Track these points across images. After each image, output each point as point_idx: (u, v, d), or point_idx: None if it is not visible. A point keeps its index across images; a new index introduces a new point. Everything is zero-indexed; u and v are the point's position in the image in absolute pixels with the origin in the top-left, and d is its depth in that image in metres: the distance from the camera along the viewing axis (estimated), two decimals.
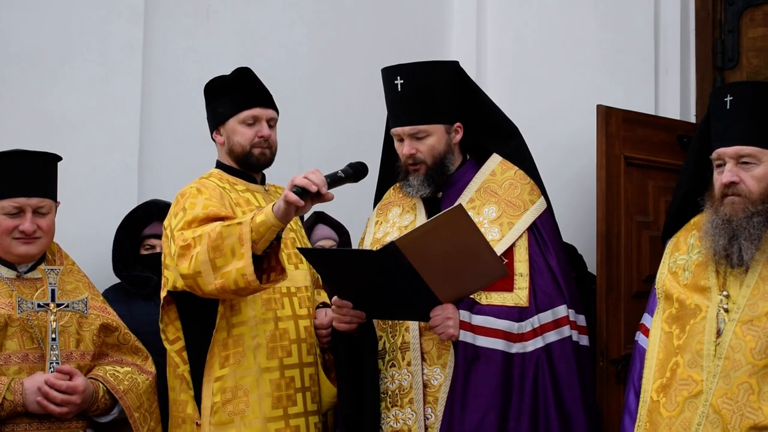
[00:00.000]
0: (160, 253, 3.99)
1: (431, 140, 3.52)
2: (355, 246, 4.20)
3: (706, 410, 2.99)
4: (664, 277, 3.28)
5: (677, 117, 4.57)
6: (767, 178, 3.06)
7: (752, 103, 3.09)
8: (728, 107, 3.11)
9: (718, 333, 3.06)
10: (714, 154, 3.14)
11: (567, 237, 4.26)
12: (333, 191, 3.26)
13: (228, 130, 3.62)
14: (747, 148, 3.06)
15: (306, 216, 4.47)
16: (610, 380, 4.02)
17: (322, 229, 4.53)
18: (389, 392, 3.46)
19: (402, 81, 3.52)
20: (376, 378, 3.47)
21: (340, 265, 3.33)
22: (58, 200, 3.45)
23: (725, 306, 3.08)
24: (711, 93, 3.28)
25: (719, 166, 3.13)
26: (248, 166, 3.64)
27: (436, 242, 3.12)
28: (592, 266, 4.31)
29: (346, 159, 3.43)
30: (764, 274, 3.04)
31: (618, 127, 4.17)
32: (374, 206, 3.83)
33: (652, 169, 4.25)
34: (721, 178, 3.10)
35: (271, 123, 3.64)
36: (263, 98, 3.63)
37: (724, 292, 3.10)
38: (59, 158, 3.46)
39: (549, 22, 4.95)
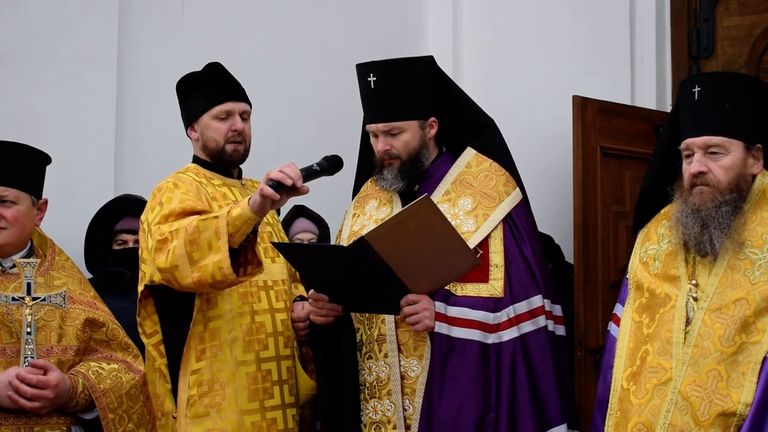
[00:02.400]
0: (132, 248, 4.00)
1: (405, 136, 3.53)
2: (333, 238, 4.20)
3: (674, 397, 3.01)
4: (635, 267, 3.29)
5: (653, 107, 4.58)
6: (735, 168, 3.08)
7: (720, 94, 3.11)
8: (696, 98, 3.12)
9: (688, 321, 3.07)
10: (683, 145, 3.16)
11: (544, 227, 4.27)
12: (310, 184, 3.27)
13: (202, 126, 3.61)
14: (715, 138, 3.08)
15: (286, 209, 4.48)
16: (588, 370, 4.04)
17: (301, 222, 4.53)
18: (367, 384, 3.48)
19: (375, 78, 3.51)
20: (354, 370, 3.48)
21: (314, 260, 3.33)
22: (43, 197, 3.36)
23: (694, 295, 3.09)
24: (679, 84, 3.30)
25: (688, 156, 3.15)
26: (222, 162, 3.64)
27: (405, 235, 3.12)
28: (569, 256, 4.33)
29: (324, 152, 3.43)
30: (732, 263, 3.06)
31: (594, 118, 4.19)
32: (352, 199, 3.83)
33: (629, 159, 4.27)
34: (689, 168, 3.12)
35: (245, 116, 3.63)
36: (235, 92, 3.62)
37: (693, 281, 3.12)
38: (36, 151, 3.35)
39: (524, 14, 4.95)
